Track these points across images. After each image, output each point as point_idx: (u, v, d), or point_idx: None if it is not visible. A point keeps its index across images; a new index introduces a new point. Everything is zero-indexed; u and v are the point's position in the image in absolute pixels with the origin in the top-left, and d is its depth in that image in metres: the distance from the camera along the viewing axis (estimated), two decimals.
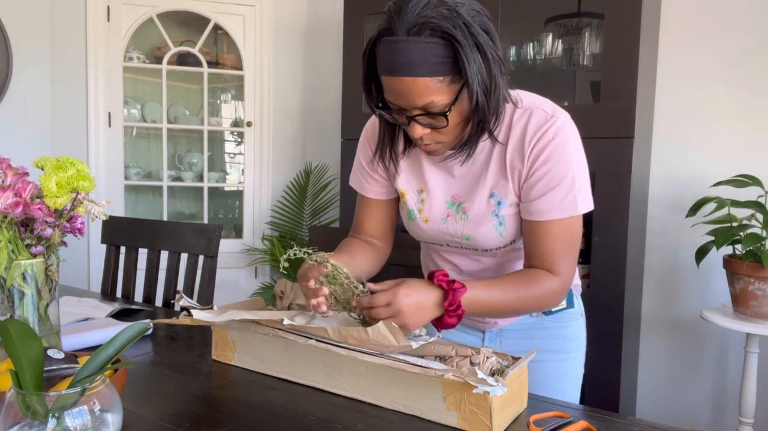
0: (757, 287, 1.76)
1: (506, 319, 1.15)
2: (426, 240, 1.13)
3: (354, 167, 1.19)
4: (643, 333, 2.28)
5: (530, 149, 0.96)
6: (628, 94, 1.86)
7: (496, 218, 1.01)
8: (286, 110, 3.17)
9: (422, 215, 1.09)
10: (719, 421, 2.18)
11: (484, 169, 1.01)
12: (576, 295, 1.17)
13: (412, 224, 1.11)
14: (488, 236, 1.03)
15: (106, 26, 2.86)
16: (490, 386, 0.79)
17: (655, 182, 2.22)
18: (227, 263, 3.02)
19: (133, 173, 3.07)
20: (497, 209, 1.01)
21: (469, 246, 1.07)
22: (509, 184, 1.00)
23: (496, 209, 1.01)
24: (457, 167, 1.04)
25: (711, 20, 2.11)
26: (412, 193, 1.10)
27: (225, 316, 1.01)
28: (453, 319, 0.92)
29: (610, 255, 1.92)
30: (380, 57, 0.88)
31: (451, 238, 1.07)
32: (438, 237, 1.09)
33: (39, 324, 0.95)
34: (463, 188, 1.04)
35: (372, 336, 0.88)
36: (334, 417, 0.88)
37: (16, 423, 0.66)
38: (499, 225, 1.02)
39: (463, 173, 1.04)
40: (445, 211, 1.06)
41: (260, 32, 3.04)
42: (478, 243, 1.05)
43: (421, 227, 1.09)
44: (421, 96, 0.87)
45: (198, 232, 1.68)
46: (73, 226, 1.01)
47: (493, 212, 1.01)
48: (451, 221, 1.06)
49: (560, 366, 1.14)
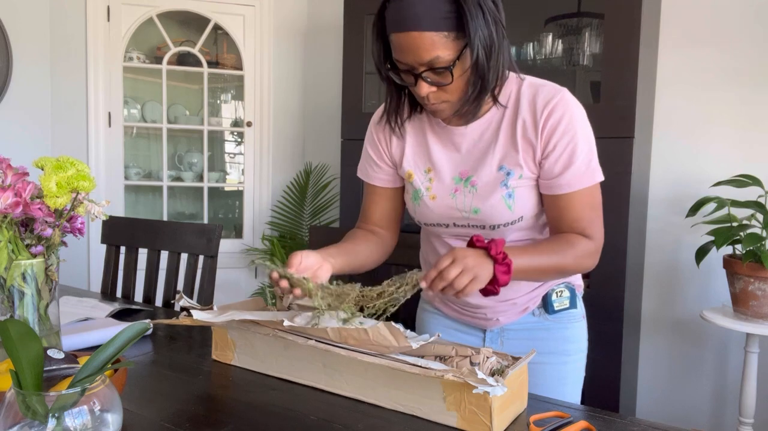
0: (757, 287, 1.76)
1: (508, 317, 1.14)
2: (432, 221, 1.11)
3: (362, 158, 1.21)
4: (643, 333, 2.28)
5: (543, 122, 0.99)
6: (628, 94, 1.86)
7: (505, 189, 1.02)
8: (286, 110, 3.17)
9: (429, 192, 1.09)
10: (719, 421, 2.18)
11: (492, 143, 1.03)
12: (579, 296, 1.17)
13: (419, 204, 1.11)
14: (497, 208, 1.03)
15: (106, 26, 2.86)
16: (490, 386, 0.79)
17: (655, 182, 2.22)
18: (227, 263, 3.02)
19: (133, 173, 3.07)
20: (506, 179, 1.02)
21: (477, 223, 1.06)
22: (519, 154, 1.01)
23: (505, 180, 1.02)
24: (464, 143, 1.05)
25: (711, 20, 2.11)
26: (419, 173, 1.11)
27: (225, 316, 1.01)
28: (504, 269, 0.90)
29: (610, 255, 1.90)
30: (389, 16, 0.93)
31: (459, 213, 1.07)
32: (445, 215, 1.08)
33: (39, 324, 0.95)
34: (471, 163, 1.05)
35: (372, 337, 0.88)
36: (334, 417, 0.88)
37: (16, 423, 0.66)
38: (509, 197, 1.02)
39: (470, 149, 1.05)
40: (453, 186, 1.07)
41: (260, 32, 3.04)
42: (486, 217, 1.04)
43: (428, 204, 1.09)
44: (428, 50, 0.90)
45: (198, 232, 1.68)
46: (73, 226, 1.01)
47: (502, 183, 1.02)
48: (459, 196, 1.06)
49: (561, 368, 1.13)
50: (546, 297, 1.12)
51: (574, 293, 1.14)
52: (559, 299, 1.12)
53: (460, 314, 1.18)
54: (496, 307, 1.13)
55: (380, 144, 1.16)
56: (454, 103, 0.99)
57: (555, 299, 1.12)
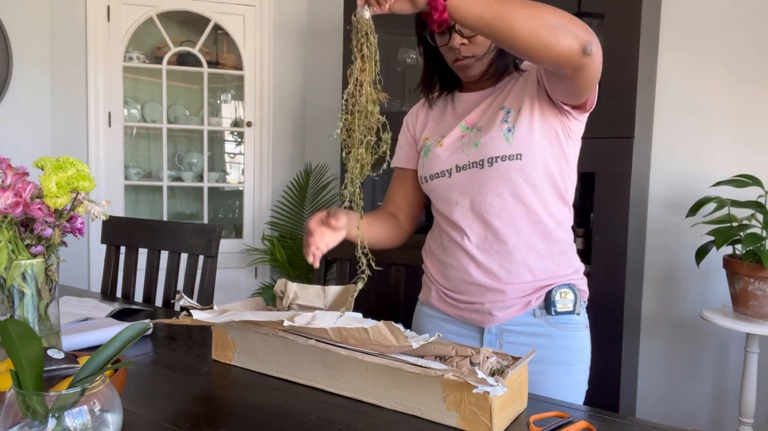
0: (757, 287, 1.76)
1: (506, 314, 1.11)
2: (436, 169, 1.16)
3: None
4: (643, 333, 2.28)
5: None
6: (628, 94, 1.86)
7: (505, 125, 1.08)
8: (286, 110, 3.17)
9: (439, 143, 1.16)
10: (719, 421, 2.18)
11: (500, 94, 1.13)
12: (583, 305, 1.15)
13: (426, 158, 1.18)
14: (495, 139, 1.08)
15: (106, 26, 2.86)
16: (490, 386, 0.79)
17: (655, 182, 2.22)
18: (227, 263, 3.02)
19: (133, 173, 3.07)
20: (506, 116, 1.09)
21: (476, 158, 1.09)
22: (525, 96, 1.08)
23: (505, 117, 1.09)
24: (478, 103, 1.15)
25: (711, 20, 2.11)
26: (434, 136, 1.20)
27: (225, 316, 1.01)
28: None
29: (610, 255, 1.92)
30: None
31: (462, 153, 1.12)
32: (449, 159, 1.14)
33: (39, 324, 0.95)
34: (479, 113, 1.14)
35: (372, 336, 0.88)
36: (334, 417, 0.88)
37: (16, 423, 0.66)
38: (508, 132, 1.07)
39: (481, 105, 1.15)
40: (460, 133, 1.14)
41: (260, 32, 3.04)
42: (484, 148, 1.09)
43: (436, 152, 1.16)
44: None
45: (198, 232, 1.68)
46: (73, 226, 1.01)
47: (503, 119, 1.09)
48: (465, 140, 1.13)
49: (562, 380, 1.11)
50: (548, 297, 1.11)
51: (577, 297, 1.12)
52: (561, 301, 1.11)
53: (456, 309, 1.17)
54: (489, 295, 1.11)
55: (407, 129, 1.28)
56: (481, 58, 1.09)
57: (558, 300, 1.10)
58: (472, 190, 1.11)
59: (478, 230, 1.11)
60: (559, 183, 1.10)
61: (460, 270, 1.14)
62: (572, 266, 1.14)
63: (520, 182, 1.08)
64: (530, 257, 1.10)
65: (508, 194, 1.08)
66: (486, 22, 0.85)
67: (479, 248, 1.11)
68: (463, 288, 1.14)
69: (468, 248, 1.12)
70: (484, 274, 1.11)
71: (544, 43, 0.86)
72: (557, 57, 0.89)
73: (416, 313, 1.29)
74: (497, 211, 1.09)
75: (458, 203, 1.13)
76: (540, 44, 0.86)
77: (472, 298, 1.14)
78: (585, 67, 0.92)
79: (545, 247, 1.11)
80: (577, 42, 0.87)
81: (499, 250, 1.10)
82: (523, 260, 1.10)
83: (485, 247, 1.11)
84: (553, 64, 0.92)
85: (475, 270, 1.12)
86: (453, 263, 1.15)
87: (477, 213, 1.11)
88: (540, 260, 1.10)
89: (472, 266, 1.12)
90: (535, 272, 1.10)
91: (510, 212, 1.09)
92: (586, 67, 0.92)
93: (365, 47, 0.87)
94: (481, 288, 1.12)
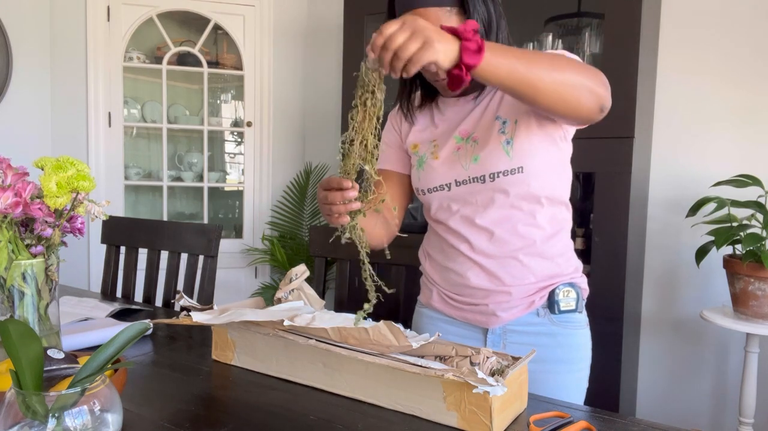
0: (757, 287, 1.76)
1: (511, 314, 1.12)
2: (434, 183, 1.13)
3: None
4: (643, 333, 2.28)
5: None
6: (628, 94, 1.86)
7: (503, 137, 1.06)
8: (286, 110, 3.17)
9: (433, 155, 1.14)
10: (719, 421, 2.18)
11: (490, 101, 1.10)
12: (582, 302, 1.15)
13: (423, 169, 1.15)
14: (494, 153, 1.05)
15: (106, 26, 2.86)
16: (490, 386, 0.79)
17: (655, 182, 2.22)
18: (227, 263, 3.02)
19: (133, 173, 3.07)
20: (503, 127, 1.06)
21: (476, 173, 1.07)
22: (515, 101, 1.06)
23: (501, 128, 1.06)
24: (469, 111, 1.11)
25: (711, 20, 2.11)
26: (425, 143, 1.17)
27: (225, 316, 1.01)
28: (473, 47, 0.79)
29: (610, 255, 1.92)
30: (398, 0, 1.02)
31: (460, 168, 1.10)
32: (447, 173, 1.11)
33: (39, 324, 0.95)
34: (472, 123, 1.11)
35: (372, 336, 0.88)
36: (334, 417, 0.88)
37: (16, 423, 0.66)
38: (507, 144, 1.05)
39: (472, 114, 1.11)
40: (455, 145, 1.11)
41: (260, 32, 3.04)
42: (484, 164, 1.06)
43: (432, 165, 1.13)
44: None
45: (198, 232, 1.68)
46: (73, 226, 1.01)
47: (500, 131, 1.06)
48: (461, 152, 1.10)
49: (564, 378, 1.11)
50: (551, 296, 1.11)
51: (579, 296, 1.13)
52: (565, 299, 1.11)
53: (459, 310, 1.17)
54: (492, 296, 1.11)
55: (393, 129, 1.24)
56: None
57: (561, 299, 1.11)
58: (473, 202, 1.10)
59: (480, 238, 1.11)
60: (558, 186, 1.11)
61: (462, 275, 1.14)
62: (573, 265, 1.15)
63: (521, 192, 1.08)
64: (533, 260, 1.10)
65: (509, 205, 1.08)
66: (509, 86, 0.86)
67: (482, 255, 1.11)
68: (466, 291, 1.15)
69: (470, 254, 1.12)
70: (488, 278, 1.11)
71: (566, 104, 0.90)
72: (577, 116, 0.94)
73: (416, 315, 1.28)
74: (498, 220, 1.09)
75: (458, 212, 1.13)
76: (563, 106, 0.90)
77: (476, 300, 1.14)
78: (597, 119, 0.98)
79: (547, 250, 1.11)
80: (597, 102, 0.93)
81: (502, 255, 1.10)
82: (526, 264, 1.10)
83: (488, 253, 1.11)
84: (570, 122, 0.98)
85: (478, 275, 1.12)
86: (455, 268, 1.15)
87: (478, 222, 1.11)
88: (543, 263, 1.11)
89: (476, 272, 1.12)
90: (537, 274, 1.11)
91: (511, 220, 1.09)
92: (597, 119, 0.99)
93: (369, 102, 0.84)
94: (486, 291, 1.12)
